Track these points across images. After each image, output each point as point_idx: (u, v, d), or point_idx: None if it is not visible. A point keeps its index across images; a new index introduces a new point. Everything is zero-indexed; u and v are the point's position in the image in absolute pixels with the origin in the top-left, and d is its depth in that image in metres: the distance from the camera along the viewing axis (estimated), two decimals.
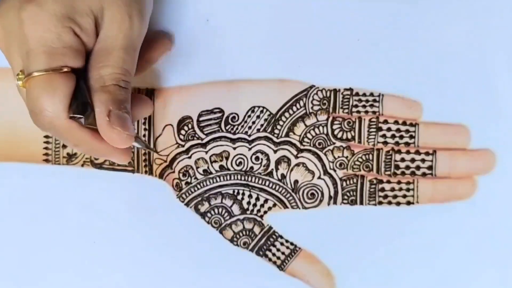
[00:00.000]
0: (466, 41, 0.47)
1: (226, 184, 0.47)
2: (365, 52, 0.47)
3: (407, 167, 0.47)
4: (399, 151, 0.47)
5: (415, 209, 0.47)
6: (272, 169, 0.47)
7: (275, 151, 0.47)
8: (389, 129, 0.47)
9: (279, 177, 0.47)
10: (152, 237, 0.47)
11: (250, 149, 0.47)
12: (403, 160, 0.47)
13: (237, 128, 0.47)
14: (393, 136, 0.47)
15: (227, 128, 0.47)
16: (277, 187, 0.47)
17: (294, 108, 0.47)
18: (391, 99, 0.47)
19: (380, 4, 0.47)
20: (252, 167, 0.47)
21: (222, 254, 0.47)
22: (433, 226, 0.47)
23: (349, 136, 0.47)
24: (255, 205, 0.47)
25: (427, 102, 0.47)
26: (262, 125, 0.47)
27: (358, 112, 0.47)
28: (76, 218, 0.47)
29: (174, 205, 0.47)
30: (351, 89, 0.47)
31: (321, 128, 0.47)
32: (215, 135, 0.47)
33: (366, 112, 0.47)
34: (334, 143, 0.47)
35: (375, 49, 0.47)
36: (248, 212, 0.47)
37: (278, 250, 0.47)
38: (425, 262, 0.47)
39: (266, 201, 0.47)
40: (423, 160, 0.47)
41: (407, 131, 0.47)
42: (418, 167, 0.47)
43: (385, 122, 0.47)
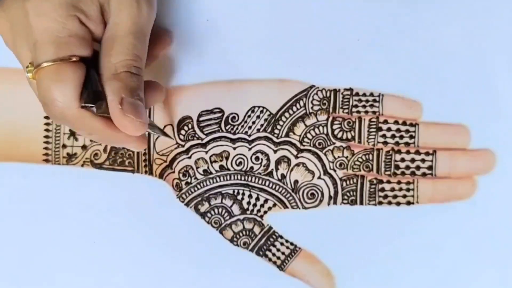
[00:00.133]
0: (466, 41, 0.47)
1: (226, 184, 0.47)
2: (365, 52, 0.47)
3: (407, 167, 0.47)
4: (399, 151, 0.47)
5: (415, 209, 0.47)
6: (272, 169, 0.47)
7: (275, 151, 0.47)
8: (389, 129, 0.47)
9: (279, 177, 0.47)
10: (152, 237, 0.47)
11: (250, 149, 0.47)
12: (403, 160, 0.47)
13: (237, 128, 0.47)
14: (393, 136, 0.47)
15: (227, 128, 0.47)
16: (277, 187, 0.47)
17: (294, 108, 0.47)
18: (391, 99, 0.47)
19: (380, 4, 0.47)
20: (252, 167, 0.47)
21: (222, 254, 0.47)
22: (433, 226, 0.47)
23: (349, 136, 0.47)
24: (255, 205, 0.47)
25: (427, 102, 0.47)
26: (262, 125, 0.47)
27: (358, 112, 0.47)
28: (76, 218, 0.47)
29: (174, 205, 0.47)
30: (351, 89, 0.47)
31: (321, 128, 0.47)
32: (215, 135, 0.47)
33: (366, 112, 0.47)
34: (334, 143, 0.47)
35: (375, 49, 0.47)
36: (248, 212, 0.47)
37: (278, 250, 0.47)
38: (425, 262, 0.47)
39: (266, 201, 0.47)
40: (423, 160, 0.47)
41: (407, 131, 0.47)
42: (418, 167, 0.47)
43: (385, 122, 0.47)
